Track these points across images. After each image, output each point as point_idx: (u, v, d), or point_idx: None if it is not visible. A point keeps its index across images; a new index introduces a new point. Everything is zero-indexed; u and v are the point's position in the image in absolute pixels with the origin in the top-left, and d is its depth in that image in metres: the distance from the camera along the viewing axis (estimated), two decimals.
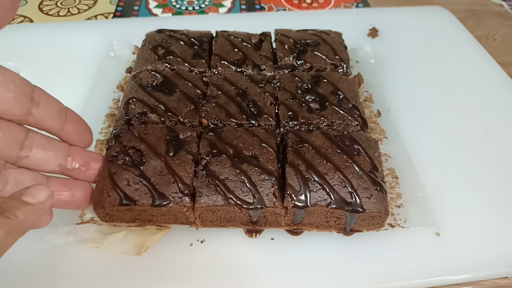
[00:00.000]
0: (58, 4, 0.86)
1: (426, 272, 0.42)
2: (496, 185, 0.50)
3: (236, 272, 0.42)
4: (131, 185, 0.41)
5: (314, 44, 0.59)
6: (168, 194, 0.41)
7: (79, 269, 0.42)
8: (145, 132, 0.45)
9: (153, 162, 0.42)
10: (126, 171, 0.42)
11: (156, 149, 0.43)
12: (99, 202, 0.41)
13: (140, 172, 0.42)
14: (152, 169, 0.42)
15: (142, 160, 0.43)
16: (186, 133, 0.46)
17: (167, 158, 0.43)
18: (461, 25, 0.77)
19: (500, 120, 0.59)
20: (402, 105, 0.61)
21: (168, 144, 0.44)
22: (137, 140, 0.44)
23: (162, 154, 0.43)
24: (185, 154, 0.43)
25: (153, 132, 0.45)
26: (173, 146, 0.44)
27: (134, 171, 0.42)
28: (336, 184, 0.42)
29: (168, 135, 0.45)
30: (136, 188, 0.41)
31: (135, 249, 0.43)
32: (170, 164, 0.42)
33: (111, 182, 0.41)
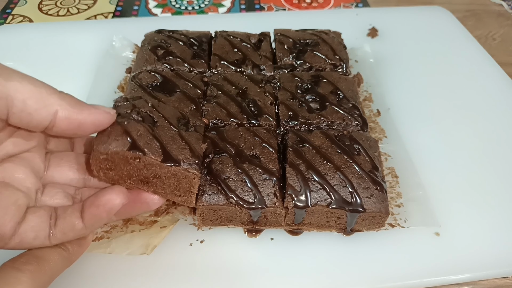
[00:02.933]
0: (58, 4, 0.86)
1: (426, 272, 0.42)
2: (495, 185, 0.51)
3: (236, 272, 0.42)
4: (143, 137, 0.37)
5: (313, 44, 0.59)
6: (180, 157, 0.38)
7: (79, 269, 0.42)
8: (158, 105, 0.42)
9: (165, 129, 0.40)
10: (139, 124, 0.38)
11: (168, 120, 0.41)
12: (103, 143, 0.36)
13: (153, 130, 0.38)
14: (164, 134, 0.39)
15: (156, 124, 0.40)
16: (197, 121, 0.45)
17: (180, 131, 0.41)
18: (460, 25, 0.77)
19: (499, 119, 0.59)
20: (402, 104, 0.61)
21: (179, 122, 0.42)
22: (150, 108, 0.41)
23: (175, 125, 0.41)
24: (196, 133, 0.42)
25: (166, 109, 0.42)
26: (184, 125, 0.42)
27: (147, 127, 0.38)
28: (336, 184, 0.43)
29: (180, 115, 0.43)
30: (147, 141, 0.37)
31: (142, 248, 0.43)
32: (183, 135, 0.40)
33: (122, 129, 0.37)
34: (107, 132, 0.37)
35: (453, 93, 0.63)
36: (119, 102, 0.40)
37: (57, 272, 0.34)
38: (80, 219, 0.33)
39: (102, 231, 0.45)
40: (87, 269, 0.42)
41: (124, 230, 0.45)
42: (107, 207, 0.34)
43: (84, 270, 0.42)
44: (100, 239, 0.44)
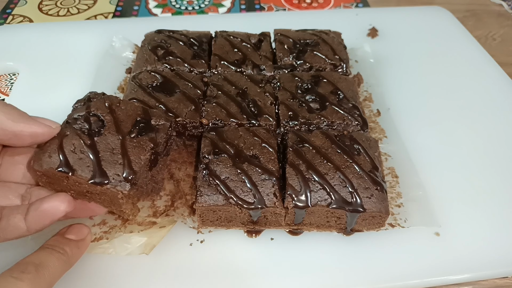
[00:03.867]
0: (58, 4, 0.86)
1: (426, 272, 0.42)
2: (495, 185, 0.51)
3: (236, 272, 0.42)
4: (76, 153, 0.38)
5: (313, 44, 0.59)
6: (110, 174, 0.38)
7: (80, 270, 0.42)
8: (118, 105, 0.43)
9: (110, 136, 0.40)
10: (77, 137, 0.39)
11: (119, 125, 0.40)
12: (38, 160, 0.38)
13: (91, 142, 0.39)
14: (105, 144, 0.39)
15: (100, 131, 0.40)
16: (160, 121, 0.43)
17: (126, 138, 0.40)
18: (460, 25, 0.77)
19: (499, 119, 0.59)
20: (402, 104, 0.61)
21: (135, 125, 0.41)
22: (105, 110, 0.41)
23: (123, 132, 0.40)
24: (146, 140, 0.41)
25: (126, 108, 0.42)
26: (138, 128, 0.41)
27: (85, 139, 0.39)
28: (336, 184, 0.42)
29: (140, 117, 0.42)
30: (80, 157, 0.38)
31: (140, 248, 0.43)
32: (125, 144, 0.40)
33: (58, 144, 0.38)
34: (45, 146, 0.38)
35: (453, 93, 0.63)
36: (79, 103, 0.42)
37: (56, 276, 0.34)
38: (23, 222, 0.34)
39: (101, 231, 0.45)
40: (87, 270, 0.42)
41: (123, 230, 0.45)
42: (50, 213, 0.35)
43: (84, 271, 0.42)
44: (99, 239, 0.44)
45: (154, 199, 0.45)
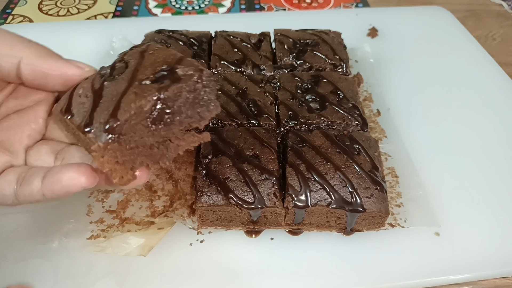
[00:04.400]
0: (58, 4, 0.86)
1: (426, 272, 0.42)
2: (495, 185, 0.51)
3: (236, 272, 0.42)
4: (81, 97, 0.34)
5: (313, 44, 0.59)
6: (95, 121, 0.31)
7: (79, 270, 0.42)
8: (152, 52, 0.35)
9: (121, 82, 0.33)
10: (90, 81, 0.34)
11: (138, 70, 0.34)
12: (59, 102, 0.35)
13: (99, 87, 0.33)
14: (112, 90, 0.33)
15: (115, 77, 0.34)
16: (188, 71, 0.33)
17: (133, 84, 0.32)
18: (460, 25, 0.77)
19: (499, 119, 0.59)
20: (402, 104, 0.61)
21: (156, 72, 0.33)
22: (136, 56, 0.35)
23: (137, 78, 0.33)
24: (152, 88, 0.32)
25: (158, 55, 0.35)
26: (157, 76, 0.33)
27: (95, 83, 0.34)
28: (336, 184, 0.43)
29: (168, 64, 0.34)
30: (82, 101, 0.33)
31: (138, 249, 0.43)
32: (126, 90, 0.32)
33: (73, 88, 0.35)
34: (68, 90, 0.34)
35: (453, 93, 0.63)
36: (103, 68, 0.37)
37: None
38: (40, 188, 0.32)
39: (98, 229, 0.45)
40: (87, 269, 0.42)
41: (120, 229, 0.45)
42: (66, 185, 0.31)
43: (83, 270, 0.42)
44: (97, 237, 0.44)
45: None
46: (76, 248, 0.43)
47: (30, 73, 0.32)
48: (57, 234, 0.44)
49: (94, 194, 0.48)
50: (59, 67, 0.33)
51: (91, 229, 0.45)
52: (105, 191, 0.48)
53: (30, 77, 0.32)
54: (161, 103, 0.32)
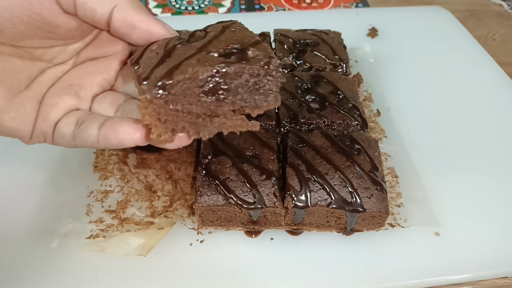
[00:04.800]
0: None
1: (426, 272, 0.42)
2: (495, 185, 0.51)
3: (236, 272, 0.42)
4: (152, 53, 0.34)
5: (313, 44, 0.59)
6: (153, 76, 0.31)
7: (79, 271, 0.42)
8: (233, 30, 0.35)
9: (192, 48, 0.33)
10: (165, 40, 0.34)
11: (211, 41, 0.33)
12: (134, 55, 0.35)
13: (171, 47, 0.33)
14: (181, 53, 0.33)
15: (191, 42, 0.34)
16: (258, 55, 0.32)
17: (200, 52, 0.32)
18: (460, 25, 0.77)
19: (499, 119, 0.59)
20: (402, 104, 0.61)
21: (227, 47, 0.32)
22: (217, 30, 0.35)
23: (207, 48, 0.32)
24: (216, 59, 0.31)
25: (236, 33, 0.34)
26: (227, 52, 0.32)
27: (169, 44, 0.34)
28: (336, 184, 0.43)
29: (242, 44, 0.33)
30: (151, 56, 0.33)
31: (138, 250, 0.43)
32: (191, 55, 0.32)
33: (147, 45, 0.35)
34: (148, 48, 0.34)
35: (453, 93, 0.63)
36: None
37: None
38: (96, 134, 0.33)
39: (98, 229, 0.45)
40: (86, 269, 0.42)
41: (120, 230, 0.45)
42: (120, 137, 0.32)
43: (82, 270, 0.42)
44: (96, 237, 0.44)
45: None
46: (75, 248, 0.43)
47: (120, 21, 0.33)
48: (56, 233, 0.44)
49: (94, 193, 0.48)
50: (148, 22, 0.34)
51: (91, 229, 0.45)
52: (104, 191, 0.48)
53: (119, 25, 0.33)
54: (219, 77, 0.31)
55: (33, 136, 0.35)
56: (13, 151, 0.53)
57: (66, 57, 0.37)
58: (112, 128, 0.33)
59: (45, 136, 0.36)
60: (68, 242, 0.44)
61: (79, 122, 0.35)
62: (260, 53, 0.32)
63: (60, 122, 0.35)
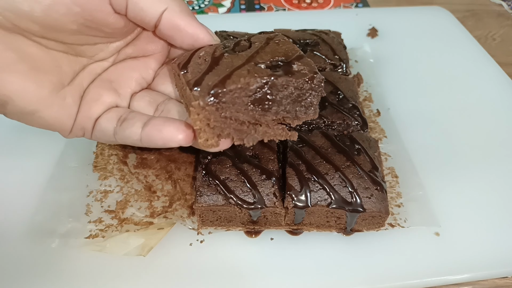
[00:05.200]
0: None
1: (426, 272, 0.42)
2: (496, 185, 0.50)
3: (236, 272, 0.42)
4: (199, 59, 0.36)
5: (313, 44, 0.59)
6: (204, 83, 0.33)
7: (78, 270, 0.42)
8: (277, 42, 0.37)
9: (239, 57, 0.35)
10: (212, 48, 0.37)
11: (258, 52, 0.35)
12: (180, 59, 0.37)
13: (219, 55, 0.35)
14: (229, 62, 0.35)
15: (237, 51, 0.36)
16: (303, 69, 0.34)
17: (249, 63, 0.34)
18: (460, 25, 0.77)
19: (499, 119, 0.59)
20: (402, 104, 0.61)
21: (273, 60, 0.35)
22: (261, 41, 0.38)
23: (254, 59, 0.35)
24: (264, 71, 0.33)
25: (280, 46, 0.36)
26: (273, 64, 0.34)
27: (216, 51, 0.36)
28: (336, 184, 0.42)
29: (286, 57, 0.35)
30: (199, 63, 0.36)
31: (138, 249, 0.43)
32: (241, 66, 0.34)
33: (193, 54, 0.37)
34: (195, 53, 0.36)
35: (453, 93, 0.63)
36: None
37: None
38: (139, 132, 0.35)
39: (97, 229, 0.45)
40: (85, 269, 0.42)
41: (119, 230, 0.45)
42: (164, 137, 0.34)
43: (82, 270, 0.42)
44: (95, 237, 0.44)
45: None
46: (75, 248, 0.43)
47: (168, 24, 0.34)
48: (56, 233, 0.44)
49: (93, 193, 0.48)
50: (194, 27, 0.35)
51: (90, 229, 0.45)
52: (104, 191, 0.48)
53: (166, 26, 0.34)
54: (267, 88, 0.33)
55: (73, 130, 0.36)
56: (13, 151, 0.53)
57: (107, 54, 0.38)
58: (157, 128, 0.34)
59: (84, 131, 0.37)
60: (67, 241, 0.44)
61: (121, 119, 0.36)
62: (305, 67, 0.34)
63: (101, 118, 0.36)
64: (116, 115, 0.36)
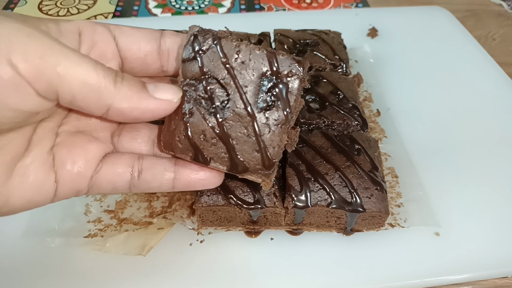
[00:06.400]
0: (58, 4, 0.86)
1: (425, 272, 0.42)
2: (495, 185, 0.50)
3: (236, 272, 0.42)
4: (208, 141, 0.32)
5: (313, 44, 0.59)
6: (247, 162, 0.32)
7: (78, 270, 0.42)
8: (236, 59, 0.32)
9: (238, 113, 0.32)
10: (204, 123, 0.32)
11: (245, 93, 0.32)
12: (169, 146, 0.33)
13: (221, 129, 0.32)
14: (236, 126, 0.32)
15: (226, 106, 0.32)
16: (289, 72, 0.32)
17: (255, 116, 0.32)
18: (460, 25, 0.77)
19: (499, 119, 0.59)
20: (401, 104, 0.61)
21: (261, 87, 0.32)
22: (222, 71, 0.32)
23: (251, 104, 0.32)
24: (278, 113, 0.32)
25: (246, 63, 0.32)
26: (267, 93, 0.32)
27: (214, 125, 0.32)
28: (336, 184, 0.42)
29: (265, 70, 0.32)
30: (213, 143, 0.32)
31: (138, 249, 0.43)
32: (258, 125, 0.32)
33: (185, 130, 0.32)
34: (171, 125, 0.33)
35: (453, 93, 0.63)
36: (187, 49, 0.33)
37: None
38: (171, 181, 0.33)
39: (96, 229, 0.45)
40: (85, 269, 0.42)
41: (118, 229, 0.45)
42: (204, 183, 0.34)
43: (82, 270, 0.42)
44: (94, 236, 0.44)
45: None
46: (74, 247, 0.43)
47: (118, 117, 0.29)
48: (55, 233, 0.44)
49: None
50: (149, 108, 0.30)
51: (89, 229, 0.45)
52: None
53: (118, 119, 0.30)
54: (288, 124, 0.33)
55: (57, 197, 0.31)
56: None
57: (54, 108, 0.31)
58: (195, 174, 0.33)
59: (77, 192, 0.31)
60: (66, 241, 0.44)
61: (134, 171, 0.32)
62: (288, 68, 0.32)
63: (102, 175, 0.31)
64: (124, 167, 0.31)
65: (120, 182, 0.32)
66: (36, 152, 0.29)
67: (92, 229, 0.45)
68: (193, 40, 0.33)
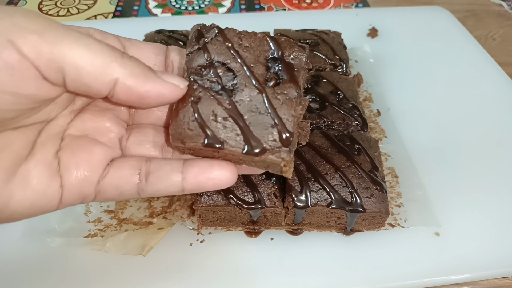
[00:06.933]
0: (58, 4, 0.86)
1: (425, 272, 0.42)
2: (495, 185, 0.50)
3: (236, 272, 0.42)
4: (219, 121, 0.31)
5: (313, 44, 0.59)
6: (265, 140, 0.31)
7: (78, 270, 0.42)
8: (240, 43, 0.33)
9: (248, 91, 0.32)
10: (214, 102, 0.31)
11: (252, 72, 0.32)
12: (177, 135, 0.32)
13: (232, 106, 0.31)
14: (247, 103, 0.31)
15: (235, 86, 0.32)
16: (293, 53, 0.33)
17: (266, 90, 0.31)
18: (460, 25, 0.77)
19: (499, 119, 0.59)
20: (402, 104, 0.61)
21: (267, 67, 0.32)
22: (228, 54, 0.32)
23: (259, 81, 0.32)
24: (289, 88, 0.32)
25: (251, 45, 0.33)
26: (273, 71, 0.32)
27: (224, 103, 0.31)
28: (336, 184, 0.42)
29: (268, 52, 0.33)
30: (225, 125, 0.31)
31: (138, 249, 0.43)
32: (270, 99, 0.31)
33: (194, 113, 0.31)
34: (178, 114, 0.32)
35: (453, 93, 0.63)
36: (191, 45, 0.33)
37: None
38: (180, 182, 0.31)
39: (96, 229, 0.45)
40: (85, 269, 0.42)
41: (118, 229, 0.45)
42: (216, 182, 0.31)
43: (82, 269, 0.42)
44: (94, 236, 0.44)
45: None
46: (74, 247, 0.43)
47: (125, 96, 0.29)
48: (55, 233, 0.44)
49: None
50: (156, 88, 0.29)
51: (89, 229, 0.45)
52: None
53: (124, 98, 0.29)
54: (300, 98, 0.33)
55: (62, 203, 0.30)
56: None
57: (59, 108, 0.31)
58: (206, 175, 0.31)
59: (83, 198, 0.30)
60: (66, 241, 0.44)
61: (141, 174, 0.31)
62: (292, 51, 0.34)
63: (109, 180, 0.30)
64: (131, 170, 0.31)
65: (127, 185, 0.30)
66: (40, 155, 0.29)
67: (92, 229, 0.45)
68: (196, 34, 0.33)
